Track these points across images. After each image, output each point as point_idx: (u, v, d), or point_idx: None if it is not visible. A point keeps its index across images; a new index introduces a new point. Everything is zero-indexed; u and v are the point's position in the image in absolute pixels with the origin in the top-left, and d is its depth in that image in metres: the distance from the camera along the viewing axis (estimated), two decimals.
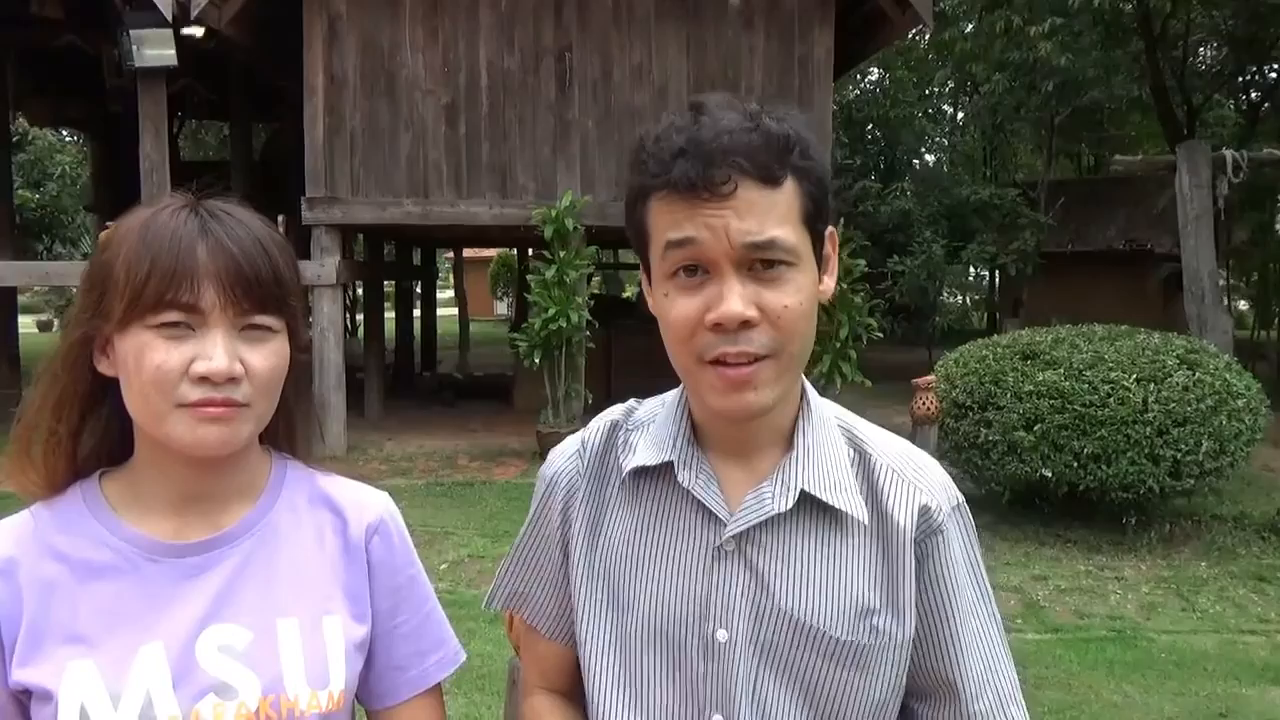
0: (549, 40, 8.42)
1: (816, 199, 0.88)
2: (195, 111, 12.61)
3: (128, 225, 0.89)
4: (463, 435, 9.10)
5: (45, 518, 0.90)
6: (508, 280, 26.28)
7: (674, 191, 0.85)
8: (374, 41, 8.24)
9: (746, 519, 0.92)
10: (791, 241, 0.86)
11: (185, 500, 0.92)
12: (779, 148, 0.85)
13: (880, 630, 0.91)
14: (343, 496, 1.01)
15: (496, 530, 5.82)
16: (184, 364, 0.84)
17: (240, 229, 0.88)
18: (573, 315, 7.61)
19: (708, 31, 8.55)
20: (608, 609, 0.98)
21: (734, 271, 0.85)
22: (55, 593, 0.87)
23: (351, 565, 0.98)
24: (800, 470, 0.92)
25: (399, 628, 1.00)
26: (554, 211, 7.75)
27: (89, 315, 0.87)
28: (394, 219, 8.42)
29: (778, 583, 0.91)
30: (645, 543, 0.96)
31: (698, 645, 0.92)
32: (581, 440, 1.05)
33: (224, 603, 0.90)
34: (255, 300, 0.86)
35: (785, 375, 0.89)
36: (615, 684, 0.97)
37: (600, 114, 8.51)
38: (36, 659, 0.85)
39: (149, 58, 7.49)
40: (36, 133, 15.62)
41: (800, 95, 8.45)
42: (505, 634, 1.63)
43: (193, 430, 0.85)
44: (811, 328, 0.90)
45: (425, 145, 8.34)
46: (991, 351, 6.05)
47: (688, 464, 0.95)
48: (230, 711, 0.87)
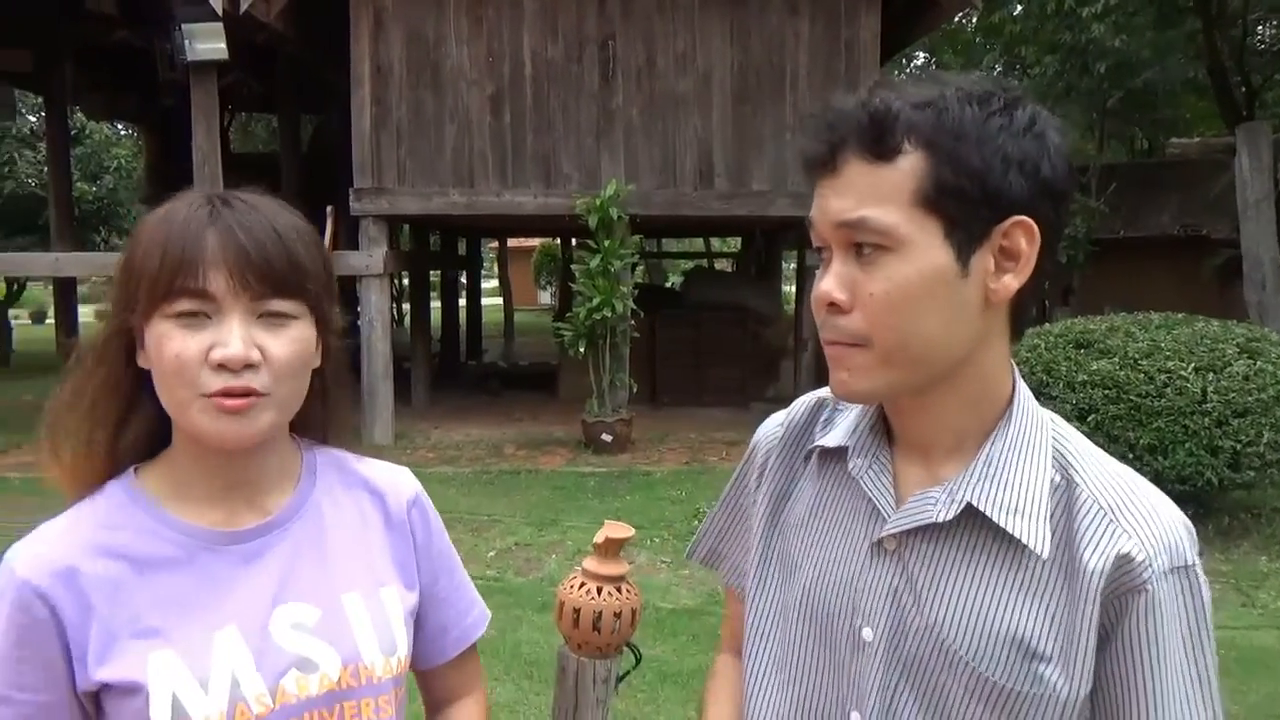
0: (592, 29, 8.41)
1: (947, 180, 0.78)
2: (245, 104, 12.80)
3: (148, 217, 0.90)
4: (508, 424, 9.17)
5: (92, 518, 0.91)
6: (551, 270, 26.37)
7: (808, 171, 0.85)
8: (419, 33, 8.30)
9: (901, 521, 0.87)
10: (887, 223, 0.79)
11: (228, 488, 0.93)
12: (886, 122, 0.79)
13: (1043, 681, 0.81)
14: (377, 476, 1.05)
15: (543, 519, 5.86)
16: (202, 352, 0.84)
17: (252, 215, 0.88)
18: (617, 304, 7.61)
19: (752, 17, 8.48)
20: (778, 579, 0.98)
21: (840, 252, 0.83)
22: (119, 590, 0.87)
23: (397, 538, 1.03)
24: (975, 483, 0.84)
25: (439, 592, 1.07)
26: (598, 200, 7.75)
27: (120, 308, 0.89)
28: (439, 209, 8.49)
29: (930, 597, 0.85)
30: (816, 522, 0.95)
31: (846, 637, 0.90)
32: (788, 412, 1.05)
33: (287, 583, 0.93)
34: (270, 285, 0.86)
35: (887, 369, 0.82)
36: (770, 655, 0.98)
37: (644, 102, 8.49)
38: (115, 656, 0.86)
39: (200, 51, 7.61)
40: (94, 127, 15.98)
41: (846, 80, 8.35)
42: (555, 622, 1.65)
43: (213, 422, 0.86)
44: (916, 322, 0.80)
45: (470, 135, 8.39)
46: (1043, 340, 5.94)
47: (863, 452, 0.92)
48: (314, 684, 0.90)
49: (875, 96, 0.81)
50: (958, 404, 0.86)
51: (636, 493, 6.64)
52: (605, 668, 1.68)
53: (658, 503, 6.33)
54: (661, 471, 7.25)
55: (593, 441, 7.92)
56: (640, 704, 3.42)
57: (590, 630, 1.64)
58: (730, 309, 10.82)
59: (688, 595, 4.60)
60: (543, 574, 4.89)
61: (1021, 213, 0.80)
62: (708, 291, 11.53)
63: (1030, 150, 0.79)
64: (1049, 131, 0.80)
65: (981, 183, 0.78)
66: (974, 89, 0.81)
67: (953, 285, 0.80)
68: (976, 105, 0.79)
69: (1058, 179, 0.81)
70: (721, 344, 10.33)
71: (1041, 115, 0.81)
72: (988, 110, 0.79)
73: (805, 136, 0.85)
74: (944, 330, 0.81)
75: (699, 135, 8.53)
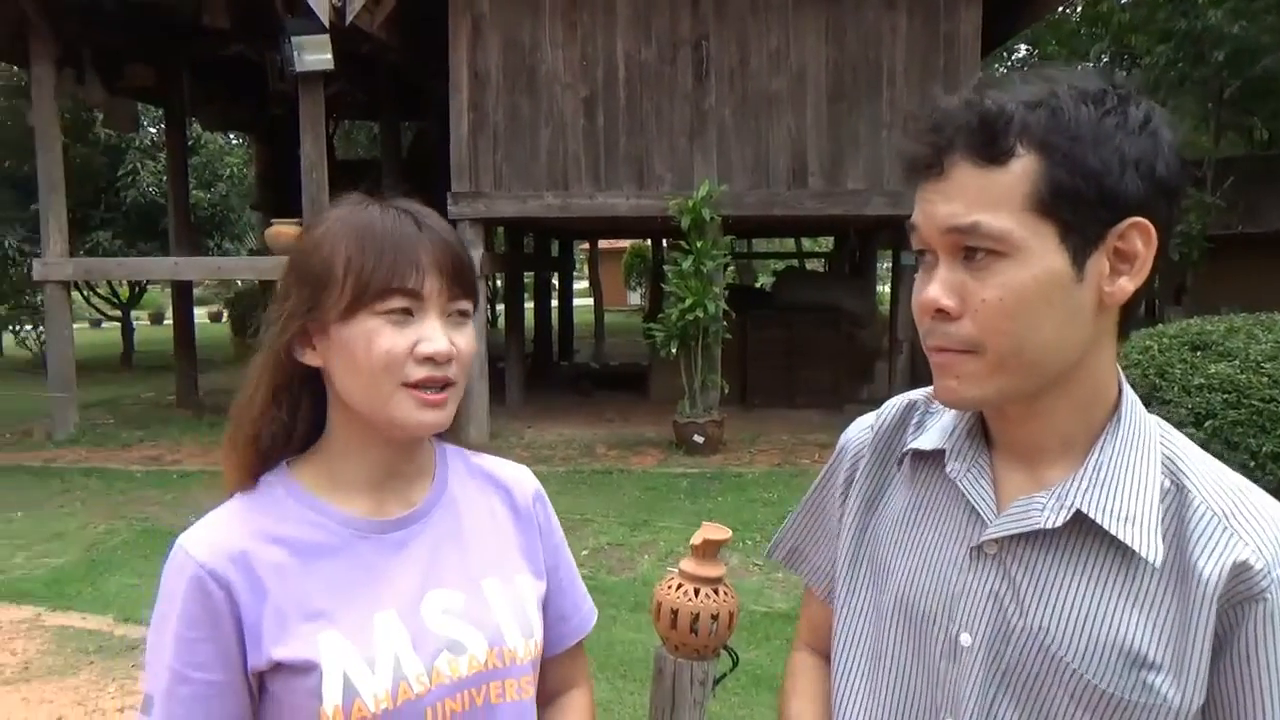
0: (686, 29, 8.41)
1: (1063, 183, 0.76)
2: (348, 112, 13.23)
3: (336, 227, 0.94)
4: (600, 424, 9.25)
5: (254, 507, 0.96)
6: (641, 270, 26.49)
7: (910, 173, 0.84)
8: (515, 39, 8.45)
9: (1006, 525, 0.85)
10: (1000, 228, 0.77)
11: (382, 480, 0.99)
12: (998, 124, 0.77)
13: (1154, 690, 0.79)
14: (500, 471, 1.11)
15: (635, 519, 5.89)
16: (409, 346, 0.91)
17: (440, 223, 0.96)
18: (710, 305, 7.60)
19: (847, 13, 8.36)
20: (869, 582, 0.98)
21: (946, 257, 0.81)
22: (285, 575, 0.93)
23: (525, 529, 1.09)
24: (1084, 489, 0.82)
25: (561, 582, 1.12)
26: (691, 201, 7.75)
27: (305, 309, 0.93)
28: (534, 212, 8.62)
29: (1034, 603, 0.83)
30: (910, 526, 0.94)
31: (941, 642, 0.88)
32: (877, 414, 1.05)
33: (433, 570, 0.99)
34: (461, 287, 0.95)
35: (999, 375, 0.81)
36: (860, 658, 0.97)
37: (737, 102, 8.45)
38: (288, 636, 0.91)
39: (309, 62, 7.91)
40: (208, 137, 16.74)
41: (945, 75, 8.16)
42: (653, 623, 1.66)
43: (414, 412, 0.93)
44: (1029, 327, 0.78)
45: (564, 138, 8.50)
46: (1156, 342, 5.67)
47: (961, 455, 0.91)
48: (464, 665, 0.96)
49: (984, 97, 0.79)
50: (1067, 408, 0.84)
51: (728, 494, 6.61)
52: (703, 669, 1.69)
53: (750, 504, 6.29)
54: (753, 473, 7.21)
55: (684, 442, 7.92)
56: (734, 707, 3.41)
57: (688, 632, 1.64)
58: (823, 309, 10.68)
59: (781, 598, 4.56)
60: (635, 574, 4.92)
61: (1137, 213, 0.78)
62: (800, 292, 11.41)
63: (1146, 149, 0.77)
64: (1162, 129, 0.79)
65: (1099, 184, 0.76)
66: (1086, 86, 0.79)
67: (1068, 290, 0.78)
68: (1091, 104, 0.78)
69: (1172, 177, 0.79)
70: (814, 345, 10.20)
71: (1155, 112, 0.79)
72: (1102, 109, 0.77)
73: (907, 138, 0.83)
74: (1058, 335, 0.79)
75: (792, 134, 8.45)
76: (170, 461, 7.88)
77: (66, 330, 8.86)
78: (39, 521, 6.07)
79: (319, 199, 8.42)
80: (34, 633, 4.21)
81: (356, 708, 0.89)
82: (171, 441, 8.69)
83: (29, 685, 3.69)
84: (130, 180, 15.40)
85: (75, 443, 8.56)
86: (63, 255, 8.80)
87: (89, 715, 3.44)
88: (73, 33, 8.89)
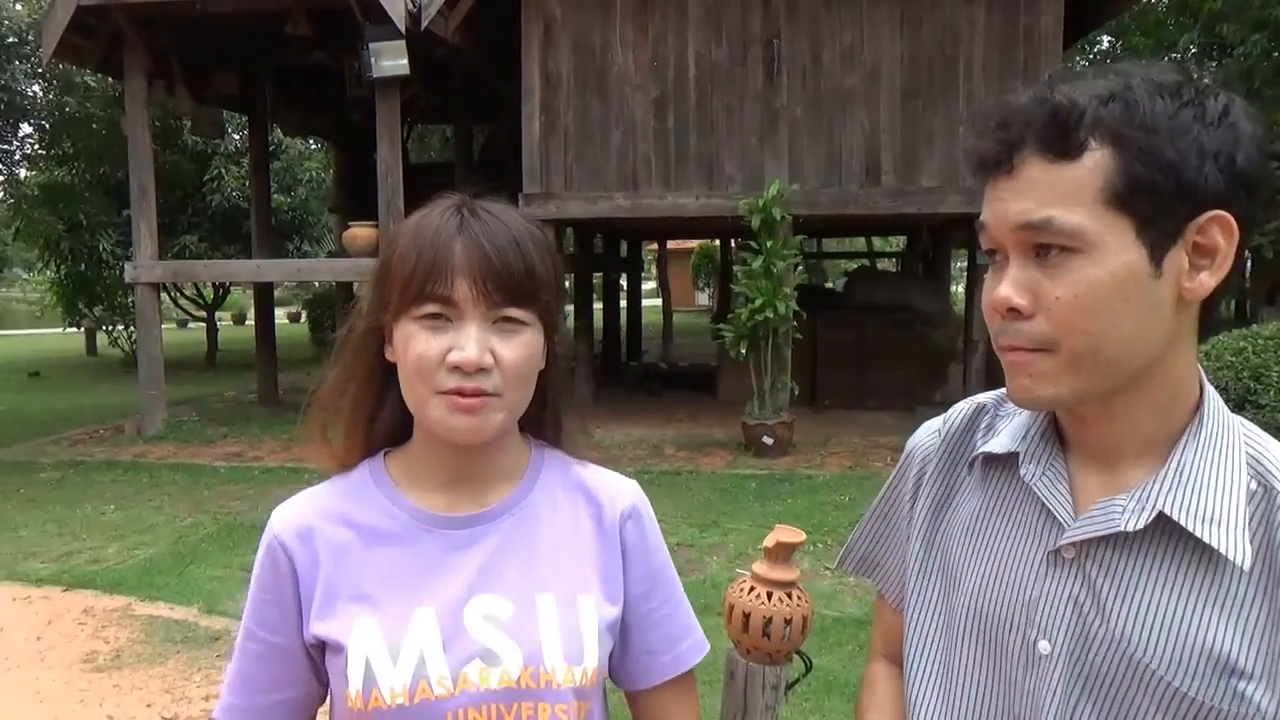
0: (757, 27, 8.36)
1: (1139, 176, 0.74)
2: (422, 116, 13.46)
3: (404, 224, 0.96)
4: (668, 425, 9.24)
5: (338, 489, 1.00)
6: (709, 271, 26.42)
7: (979, 171, 0.82)
8: (586, 41, 8.50)
9: (1086, 528, 0.82)
10: (1074, 224, 0.75)
11: (453, 480, 0.99)
12: (1070, 118, 0.75)
13: (1246, 699, 0.77)
14: (597, 483, 1.05)
15: (704, 520, 5.87)
16: (441, 353, 0.90)
17: (496, 225, 0.92)
18: (780, 305, 7.53)
19: (923, 7, 8.20)
20: (940, 589, 0.95)
21: (1017, 255, 0.79)
22: (346, 556, 0.96)
23: (606, 548, 1.02)
24: (1167, 490, 0.80)
25: (652, 613, 1.04)
26: (761, 201, 7.69)
27: (375, 307, 0.95)
28: (604, 212, 8.66)
29: (1117, 608, 0.81)
30: (983, 531, 0.92)
31: (1019, 651, 0.86)
32: (945, 418, 1.02)
33: (488, 575, 0.96)
34: (506, 294, 0.90)
35: (1074, 374, 0.79)
36: (932, 667, 0.95)
37: (809, 100, 8.36)
38: (331, 615, 0.94)
39: (385, 68, 8.08)
40: (289, 142, 17.24)
41: (1025, 69, 7.95)
42: (724, 625, 1.64)
43: (446, 419, 0.91)
44: (1105, 325, 0.77)
45: (634, 139, 8.52)
46: (1250, 344, 5.44)
47: (1036, 458, 0.88)
48: (495, 677, 0.92)
49: (1055, 91, 0.78)
50: (1146, 408, 0.82)
51: (798, 496, 6.54)
52: (775, 674, 1.66)
53: (820, 507, 6.22)
54: (824, 475, 7.12)
55: (753, 443, 7.87)
56: (806, 713, 3.37)
57: (760, 636, 1.62)
58: (896, 310, 10.50)
59: (853, 604, 4.49)
60: (704, 575, 4.89)
61: (1217, 207, 0.75)
62: (872, 292, 11.23)
63: (1225, 140, 0.75)
64: (1242, 120, 0.76)
65: (1176, 177, 0.74)
66: (1162, 79, 0.77)
67: (1145, 286, 0.76)
68: (1167, 96, 0.75)
69: (1252, 169, 0.76)
70: (886, 346, 10.03)
71: (1235, 103, 0.77)
72: (1179, 101, 0.75)
73: (975, 136, 0.82)
74: (1136, 333, 0.77)
75: (865, 132, 8.32)
76: (251, 458, 8.12)
77: (156, 330, 9.20)
78: (130, 515, 6.31)
79: (393, 202, 8.60)
80: (125, 622, 4.38)
81: (374, 697, 0.90)
82: (253, 438, 8.97)
83: (120, 672, 3.84)
84: (215, 185, 15.95)
85: (163, 439, 8.90)
86: (153, 258, 9.14)
87: (176, 703, 3.56)
88: (164, 46, 9.25)
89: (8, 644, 4.14)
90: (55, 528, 6.03)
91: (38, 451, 8.60)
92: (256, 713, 0.98)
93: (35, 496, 6.88)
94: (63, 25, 8.38)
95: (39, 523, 6.15)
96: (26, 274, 31.68)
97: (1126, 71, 0.78)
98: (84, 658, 3.98)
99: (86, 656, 4.00)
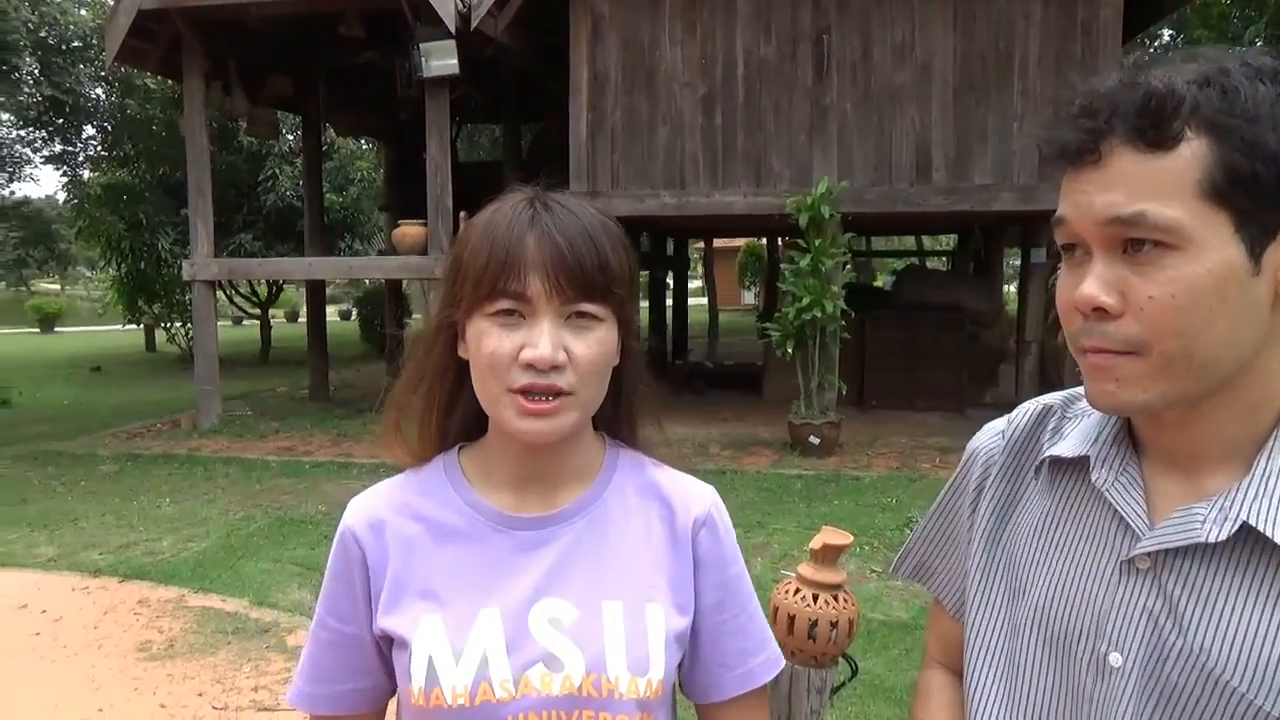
0: (806, 24, 8.28)
1: (1240, 168, 0.70)
2: (471, 115, 13.58)
3: (476, 218, 0.94)
4: (714, 424, 9.20)
5: (411, 484, 1.00)
6: (755, 269, 26.27)
7: (1058, 161, 0.78)
8: (634, 39, 8.49)
9: (1164, 538, 0.78)
10: (1169, 218, 0.71)
11: (525, 479, 0.97)
12: (1164, 105, 0.71)
13: None
14: (671, 487, 1.01)
15: (749, 521, 5.82)
16: (514, 350, 0.87)
17: (569, 219, 0.89)
18: (827, 305, 7.45)
19: (977, 1, 8.05)
20: (1004, 597, 0.92)
21: (1103, 251, 0.75)
22: (415, 550, 0.95)
23: (677, 556, 0.98)
24: (1251, 499, 0.76)
25: (725, 624, 1.00)
26: (809, 199, 7.62)
27: (448, 304, 0.94)
28: (651, 210, 8.64)
29: (1195, 621, 0.77)
30: (1051, 536, 0.88)
31: (1089, 662, 0.82)
32: (1009, 419, 0.99)
33: (555, 578, 0.94)
34: (580, 289, 0.88)
35: (1165, 378, 0.75)
36: (996, 676, 0.92)
37: (859, 96, 8.26)
38: (397, 609, 0.93)
39: (435, 68, 8.16)
40: (340, 142, 17.52)
41: (1083, 64, 7.76)
42: None
43: (518, 420, 0.89)
44: (1200, 326, 0.72)
45: (682, 137, 8.49)
46: None
47: (1108, 463, 0.84)
48: (557, 683, 0.89)
49: (1148, 76, 0.73)
50: (1233, 412, 0.78)
51: (845, 498, 6.47)
52: (820, 677, 1.64)
53: (867, 509, 6.14)
54: (871, 477, 7.03)
55: (799, 443, 7.80)
56: (851, 718, 3.32)
57: (805, 638, 1.59)
58: (946, 309, 10.33)
59: (900, 607, 4.42)
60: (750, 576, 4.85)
61: None
62: (922, 291, 11.06)
63: None
64: None
65: (1279, 169, 0.70)
66: (1260, 63, 0.72)
67: (1243, 284, 0.72)
68: (1269, 81, 0.71)
69: None
70: (936, 346, 9.88)
71: None
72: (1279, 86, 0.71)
73: (1058, 123, 0.77)
74: (1232, 333, 0.73)
75: (916, 128, 8.20)
76: (303, 452, 8.26)
77: (212, 327, 9.40)
78: (184, 508, 6.45)
79: (442, 200, 8.68)
80: (179, 613, 4.48)
81: (435, 695, 0.89)
82: (304, 433, 9.11)
83: (174, 662, 3.92)
84: (270, 185, 16.26)
85: (218, 433, 9.08)
86: (209, 256, 9.34)
87: (226, 693, 3.62)
88: (220, 48, 9.45)
89: (66, 632, 4.25)
90: (113, 519, 6.19)
91: (98, 444, 8.83)
92: (327, 700, 0.98)
93: (95, 489, 7.07)
94: (124, 29, 8.60)
95: (98, 514, 6.31)
96: (89, 272, 32.67)
97: (1217, 56, 0.73)
98: (138, 647, 4.07)
99: (141, 646, 4.09)
